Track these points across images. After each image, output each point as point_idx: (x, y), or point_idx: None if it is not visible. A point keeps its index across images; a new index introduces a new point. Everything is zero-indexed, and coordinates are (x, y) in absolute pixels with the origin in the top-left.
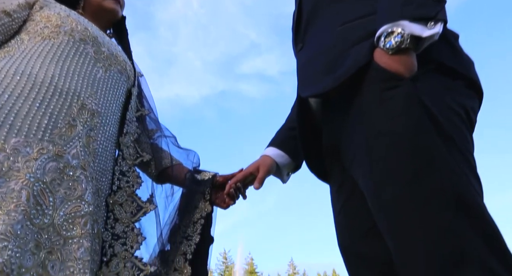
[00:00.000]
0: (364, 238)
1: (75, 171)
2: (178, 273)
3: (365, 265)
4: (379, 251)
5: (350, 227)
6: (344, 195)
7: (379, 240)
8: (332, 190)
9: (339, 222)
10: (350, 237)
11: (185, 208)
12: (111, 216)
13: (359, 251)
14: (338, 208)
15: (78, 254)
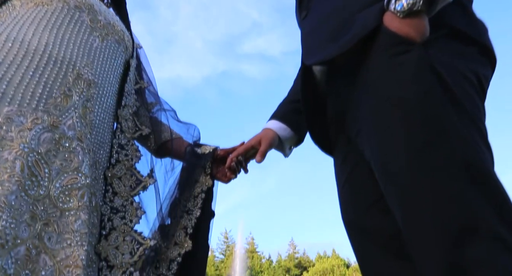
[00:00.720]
0: (369, 211)
1: (71, 142)
2: (179, 247)
3: (370, 239)
4: (385, 225)
5: (354, 200)
6: (348, 167)
7: (384, 214)
8: (336, 163)
9: (343, 195)
10: (354, 210)
11: (186, 182)
12: (109, 189)
13: (363, 225)
14: (342, 181)
15: (75, 227)
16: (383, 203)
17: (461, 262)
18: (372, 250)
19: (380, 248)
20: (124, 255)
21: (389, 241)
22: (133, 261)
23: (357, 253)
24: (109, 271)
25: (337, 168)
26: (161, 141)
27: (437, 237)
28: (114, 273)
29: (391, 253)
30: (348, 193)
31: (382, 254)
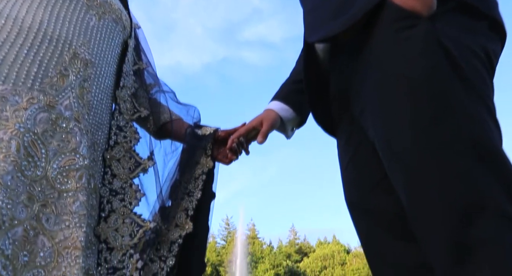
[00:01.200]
0: (372, 192)
1: (68, 123)
2: (180, 229)
3: (374, 220)
4: (388, 205)
5: (358, 181)
6: (352, 147)
7: (388, 193)
8: (339, 144)
9: (346, 176)
10: (358, 191)
11: (186, 163)
12: (108, 171)
13: (367, 205)
14: (345, 162)
15: (73, 208)
16: (386, 183)
17: (467, 240)
18: (375, 231)
19: (384, 228)
20: (124, 237)
21: (393, 221)
22: (133, 243)
23: (360, 234)
24: (109, 253)
25: (340, 149)
26: (160, 123)
27: (443, 215)
28: (114, 255)
29: (395, 233)
30: (351, 173)
31: (385, 234)
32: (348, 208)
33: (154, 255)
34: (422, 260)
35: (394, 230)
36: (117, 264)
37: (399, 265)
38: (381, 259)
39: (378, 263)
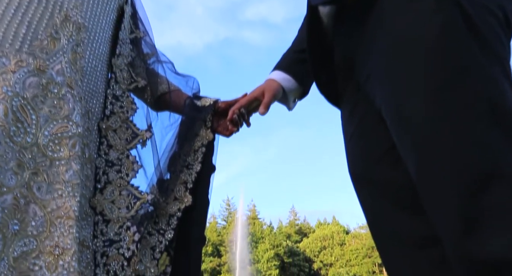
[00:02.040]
0: (378, 163)
1: (60, 88)
2: (179, 202)
3: (379, 192)
4: (394, 176)
5: (363, 152)
6: (356, 118)
7: (394, 165)
8: (343, 115)
9: (350, 148)
10: (362, 162)
11: (185, 136)
12: (104, 141)
13: (372, 177)
14: (350, 133)
15: (66, 177)
16: (393, 154)
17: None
18: (380, 203)
19: (389, 201)
20: (121, 209)
21: (399, 193)
22: (130, 215)
23: (365, 207)
24: (105, 225)
25: (344, 120)
26: (158, 94)
27: (455, 184)
28: (110, 227)
29: (401, 205)
30: (355, 145)
31: (391, 206)
32: (352, 180)
33: (152, 228)
34: (429, 233)
35: (400, 202)
36: (113, 237)
37: (405, 238)
38: (386, 232)
39: (382, 236)
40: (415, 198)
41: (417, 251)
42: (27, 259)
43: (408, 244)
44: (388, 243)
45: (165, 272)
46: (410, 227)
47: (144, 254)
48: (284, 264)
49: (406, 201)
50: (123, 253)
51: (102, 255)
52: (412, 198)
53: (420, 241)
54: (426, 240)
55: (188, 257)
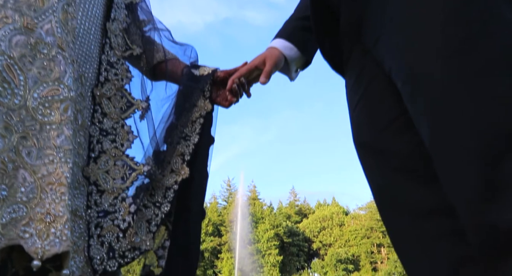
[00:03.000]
0: (385, 130)
1: (51, 49)
2: (175, 174)
3: (385, 162)
4: (403, 145)
5: (369, 119)
6: (364, 83)
7: (402, 132)
8: (348, 83)
9: (356, 116)
10: (368, 131)
11: (182, 106)
12: (98, 109)
13: (378, 147)
14: (355, 101)
15: (57, 142)
16: (401, 121)
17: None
18: (386, 173)
19: (396, 170)
20: (116, 180)
21: (407, 162)
22: (125, 186)
23: (370, 177)
24: (99, 195)
25: (349, 88)
26: (154, 62)
27: (475, 147)
28: (104, 198)
29: (408, 174)
30: (361, 113)
31: (397, 176)
32: (357, 149)
33: (148, 201)
34: (437, 203)
35: (407, 171)
36: (108, 208)
37: (414, 209)
38: (392, 202)
39: (388, 206)
40: (424, 166)
41: (424, 222)
42: (16, 226)
43: (414, 215)
44: (394, 214)
45: (163, 246)
46: (417, 197)
47: (140, 227)
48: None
49: (414, 170)
50: (118, 224)
51: (96, 226)
52: (420, 166)
53: (427, 211)
54: (433, 210)
55: (187, 231)
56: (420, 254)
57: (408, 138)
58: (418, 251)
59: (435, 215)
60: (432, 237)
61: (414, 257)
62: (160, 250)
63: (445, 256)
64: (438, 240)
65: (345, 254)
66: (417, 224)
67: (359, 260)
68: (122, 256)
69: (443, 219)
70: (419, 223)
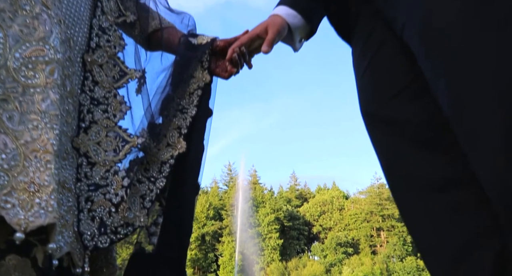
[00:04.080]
0: (395, 98)
1: (34, 6)
2: (171, 148)
3: (395, 131)
4: (414, 112)
5: (377, 87)
6: (373, 47)
7: (414, 99)
8: (355, 49)
9: (363, 84)
10: (377, 99)
11: (179, 77)
12: (89, 76)
13: (388, 115)
14: (362, 69)
15: (43, 107)
16: (414, 87)
17: None
18: (397, 143)
19: (407, 140)
20: (108, 152)
21: (419, 131)
22: (118, 159)
23: (379, 149)
24: (90, 168)
25: (357, 55)
26: (149, 31)
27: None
28: (96, 170)
29: (420, 144)
30: (369, 80)
31: (409, 146)
32: (365, 120)
33: (142, 176)
34: (450, 175)
35: (419, 140)
36: (99, 181)
37: (423, 181)
38: (402, 174)
39: (401, 180)
40: (438, 135)
41: (436, 194)
42: None
43: (426, 187)
44: (405, 187)
45: (156, 222)
46: (430, 168)
47: (133, 202)
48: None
49: (427, 139)
50: (110, 198)
51: (87, 200)
52: (434, 136)
53: (440, 183)
54: (447, 182)
55: (181, 207)
56: (435, 228)
57: (422, 105)
58: (433, 225)
59: (450, 187)
60: (447, 210)
61: (428, 231)
62: (153, 227)
63: (463, 229)
64: (454, 213)
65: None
66: (431, 197)
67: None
68: (114, 231)
69: (459, 191)
70: (429, 196)
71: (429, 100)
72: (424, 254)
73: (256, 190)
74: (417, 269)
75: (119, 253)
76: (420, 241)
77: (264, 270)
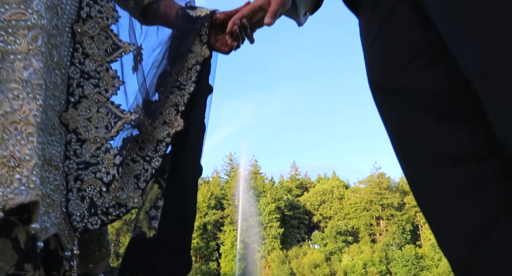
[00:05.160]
0: (409, 66)
1: None
2: (168, 126)
3: (407, 103)
4: (428, 81)
5: (389, 55)
6: (383, 13)
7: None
8: (363, 17)
9: (372, 54)
10: (388, 69)
11: (177, 51)
12: (79, 48)
13: (399, 86)
14: (371, 36)
15: (24, 75)
16: (427, 55)
17: None
18: (409, 116)
19: (420, 112)
20: (99, 129)
21: (433, 102)
22: (110, 136)
23: (389, 122)
24: (80, 145)
25: (365, 24)
26: (145, 3)
27: None
28: (86, 148)
29: (434, 116)
30: (379, 50)
31: (421, 118)
32: (374, 93)
33: (137, 155)
34: (465, 148)
35: (433, 112)
36: (89, 159)
37: (440, 154)
38: (416, 149)
39: (412, 154)
40: (451, 107)
41: (451, 169)
42: None
43: (440, 161)
44: (416, 161)
45: (156, 205)
46: (444, 141)
47: (127, 182)
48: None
49: (440, 111)
50: (101, 177)
51: (76, 178)
52: (447, 107)
53: (455, 157)
54: (462, 156)
55: (182, 190)
56: (450, 204)
57: (435, 75)
58: (448, 202)
59: (466, 161)
60: (463, 185)
61: (443, 208)
62: (153, 210)
63: (481, 206)
64: (471, 188)
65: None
66: (445, 172)
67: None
68: (105, 212)
69: (474, 165)
70: (447, 170)
71: (443, 70)
72: (438, 232)
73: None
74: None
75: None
76: (434, 218)
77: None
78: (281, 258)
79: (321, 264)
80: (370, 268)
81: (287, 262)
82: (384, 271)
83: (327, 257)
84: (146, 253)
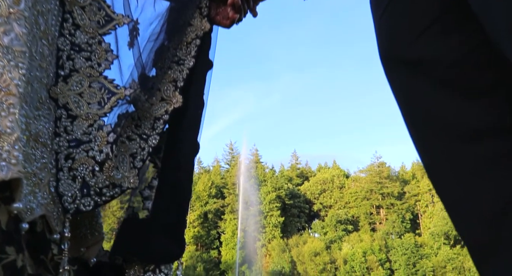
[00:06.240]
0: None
1: None
2: (166, 103)
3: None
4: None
5: (401, 24)
6: None
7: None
8: None
9: (383, 23)
10: (401, 38)
11: (175, 25)
12: (68, 18)
13: (413, 56)
14: (383, 6)
15: (5, 41)
16: (444, 22)
17: None
18: (422, 89)
19: (434, 85)
20: (91, 104)
21: (448, 74)
22: (103, 112)
23: (401, 96)
24: (70, 122)
25: None
26: None
27: None
28: (77, 124)
29: (449, 89)
30: (390, 20)
31: (435, 91)
32: (385, 65)
33: (132, 133)
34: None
35: (448, 84)
36: (81, 136)
37: (456, 128)
38: (427, 123)
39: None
40: (470, 78)
41: (463, 145)
42: None
43: (453, 137)
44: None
45: (150, 185)
46: (458, 116)
47: (122, 161)
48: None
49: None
50: (93, 156)
51: (67, 157)
52: (466, 78)
53: (469, 133)
54: (476, 132)
55: (178, 169)
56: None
57: (453, 43)
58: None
59: (476, 138)
60: (468, 162)
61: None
62: (147, 190)
63: (500, 183)
64: (474, 167)
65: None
66: (463, 147)
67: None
68: (98, 193)
69: (494, 141)
70: (455, 146)
71: (461, 40)
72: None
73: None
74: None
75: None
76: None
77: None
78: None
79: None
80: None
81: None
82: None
83: (327, 246)
84: (139, 235)
